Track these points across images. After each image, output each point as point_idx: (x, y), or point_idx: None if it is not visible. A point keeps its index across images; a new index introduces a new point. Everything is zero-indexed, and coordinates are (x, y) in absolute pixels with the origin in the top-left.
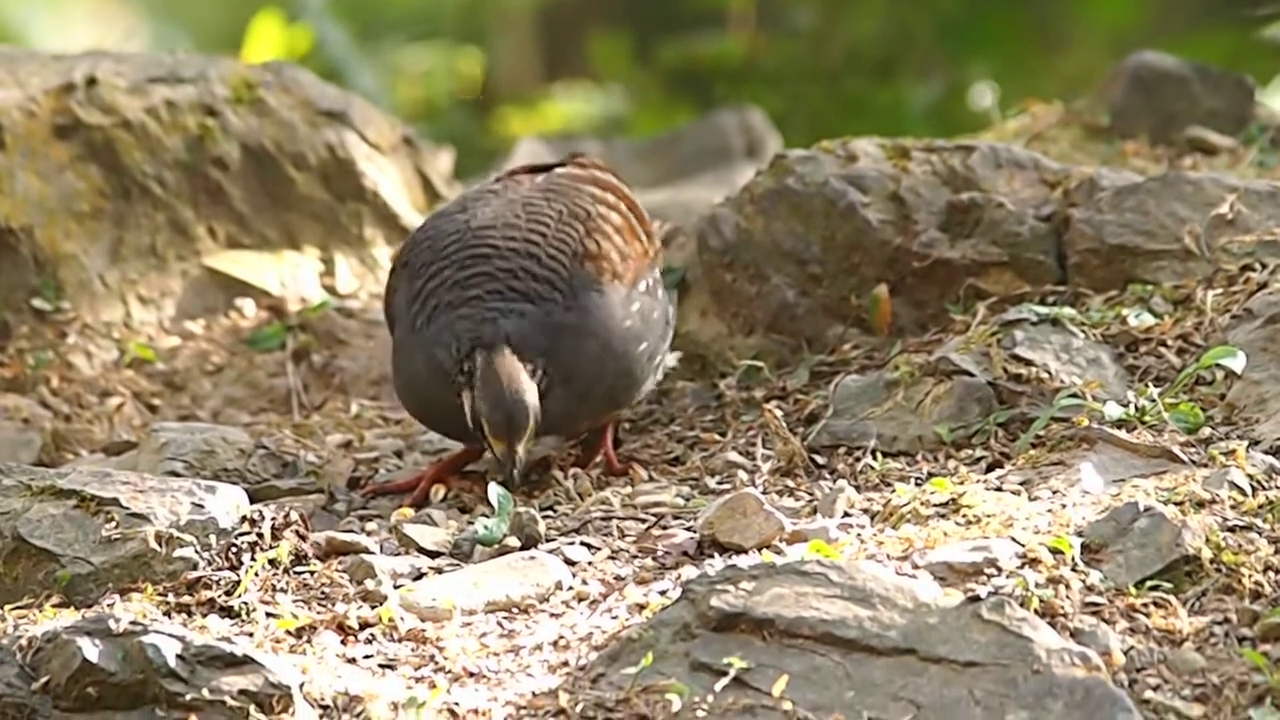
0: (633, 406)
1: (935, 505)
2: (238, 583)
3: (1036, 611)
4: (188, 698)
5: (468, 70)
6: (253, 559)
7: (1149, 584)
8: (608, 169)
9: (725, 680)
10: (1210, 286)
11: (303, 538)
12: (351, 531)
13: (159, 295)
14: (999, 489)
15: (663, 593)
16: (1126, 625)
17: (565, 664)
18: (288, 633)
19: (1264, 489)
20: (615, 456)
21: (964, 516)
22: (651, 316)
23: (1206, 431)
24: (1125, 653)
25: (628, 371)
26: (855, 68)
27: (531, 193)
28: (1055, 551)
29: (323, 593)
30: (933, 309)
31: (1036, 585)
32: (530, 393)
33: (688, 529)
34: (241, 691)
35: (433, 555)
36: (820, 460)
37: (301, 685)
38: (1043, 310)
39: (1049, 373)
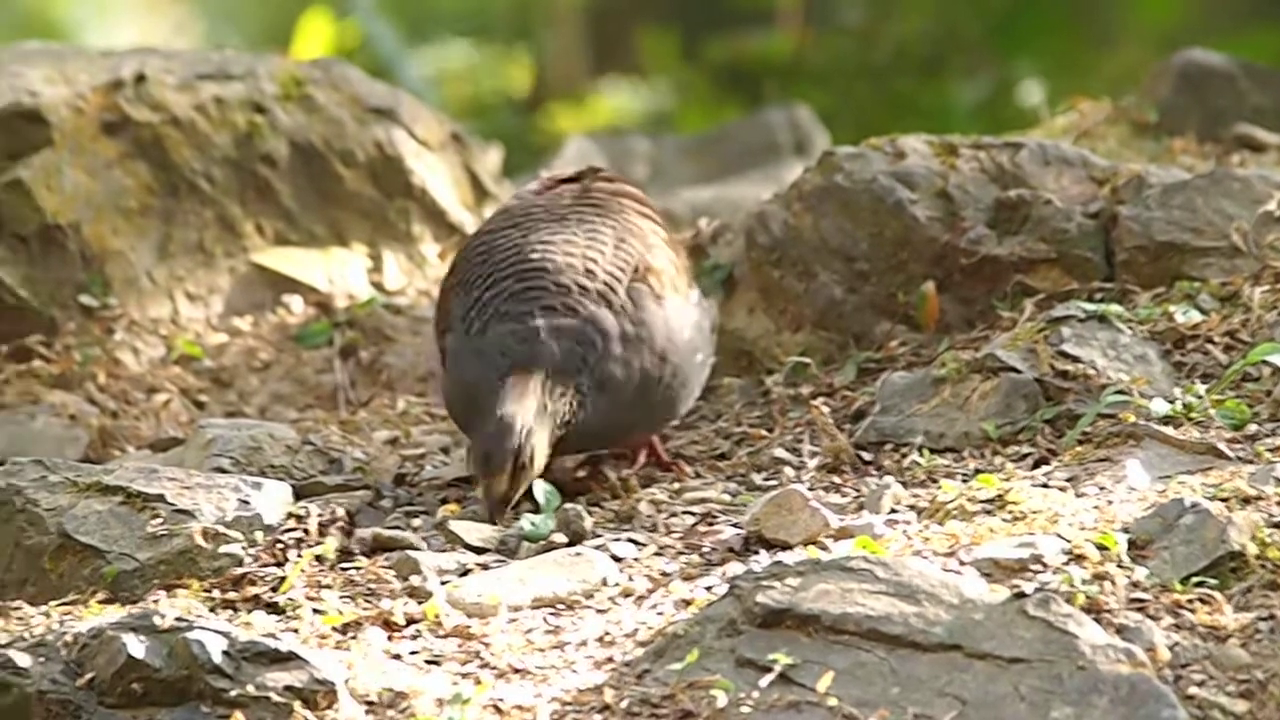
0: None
1: (981, 501)
2: (283, 579)
3: (1082, 607)
4: (233, 694)
5: (516, 68)
6: (299, 555)
7: (1194, 580)
8: (629, 182)
9: (770, 676)
10: (1257, 283)
11: (349, 534)
12: (397, 528)
13: (207, 292)
14: (1045, 485)
15: (709, 589)
16: (1172, 621)
17: (610, 660)
18: (333, 629)
19: None
20: (664, 453)
21: (1010, 513)
22: (704, 326)
23: (1253, 428)
24: (1170, 649)
25: (685, 382)
26: (903, 65)
27: (581, 209)
28: (1101, 548)
29: (368, 589)
30: (980, 306)
31: (1082, 581)
32: (518, 435)
33: (734, 525)
34: (286, 688)
35: (479, 551)
36: (867, 456)
37: (346, 681)
38: (1090, 307)
39: (1096, 369)
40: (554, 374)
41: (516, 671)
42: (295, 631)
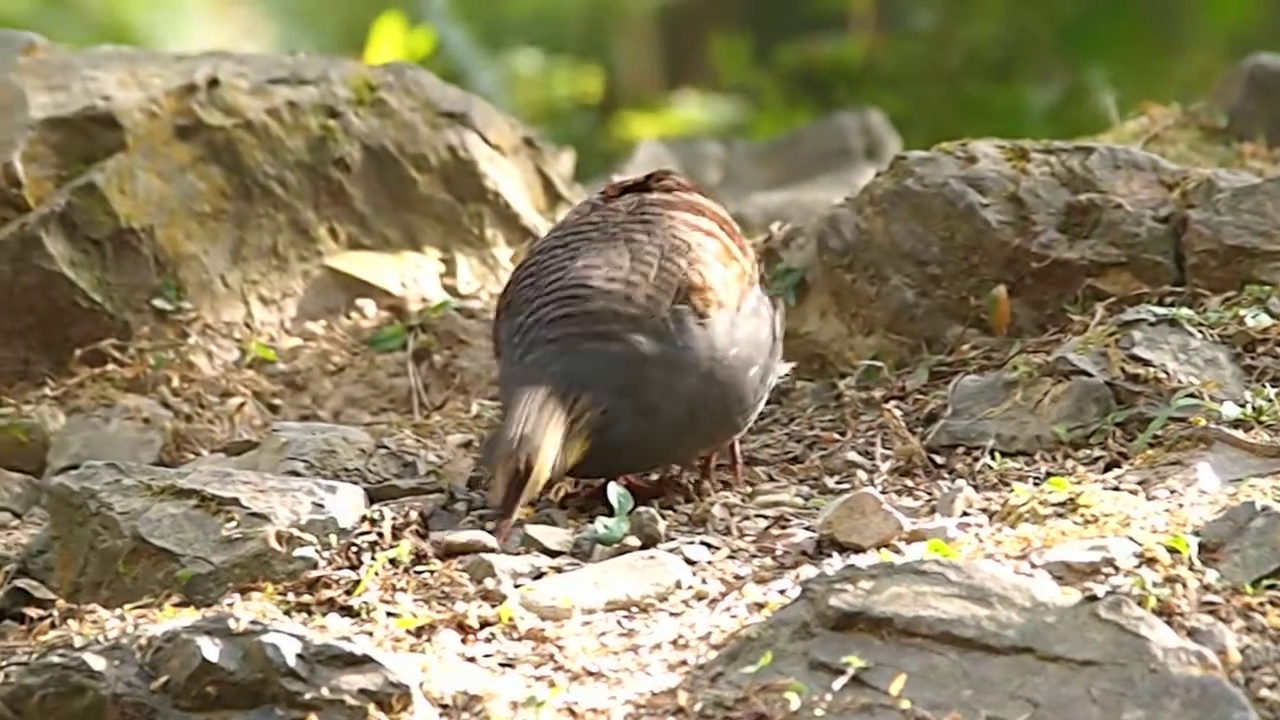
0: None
1: (1053, 505)
2: (358, 582)
3: (1153, 610)
4: (307, 697)
5: (589, 74)
6: (373, 558)
7: (1265, 583)
8: (696, 187)
9: (843, 679)
10: None
11: (423, 537)
12: (471, 531)
13: (280, 295)
14: (1116, 488)
15: (782, 592)
16: (1243, 624)
17: (684, 663)
18: (407, 632)
19: None
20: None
21: (1082, 516)
22: (759, 337)
23: None
24: (1241, 651)
25: (740, 399)
26: (975, 69)
27: (631, 226)
28: (1172, 550)
29: (442, 592)
30: (1051, 309)
31: (1154, 584)
32: (511, 444)
33: (807, 528)
34: (361, 690)
35: (553, 554)
36: (939, 460)
37: (421, 684)
38: (1160, 311)
39: (1166, 373)
40: (570, 391)
41: (590, 674)
42: (370, 634)
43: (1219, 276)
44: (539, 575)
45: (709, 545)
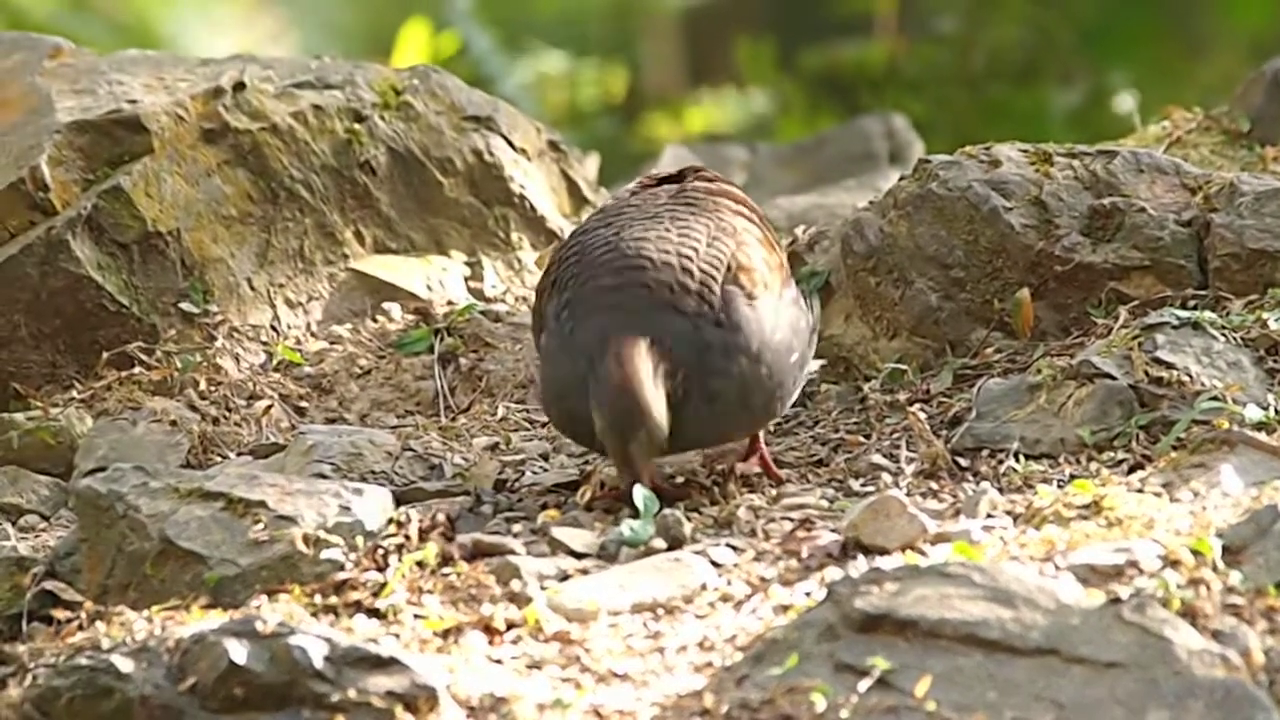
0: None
1: (1077, 507)
2: (384, 584)
3: (1177, 612)
4: (334, 699)
5: (614, 77)
6: (399, 560)
7: None
8: (729, 182)
9: (869, 681)
10: None
11: (449, 539)
12: (498, 533)
13: (306, 299)
14: (1140, 491)
15: (807, 594)
16: (1266, 626)
17: (710, 665)
18: (434, 634)
19: None
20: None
21: (1106, 518)
22: (800, 324)
23: None
24: (1265, 653)
25: (781, 384)
26: (998, 73)
27: (675, 207)
28: (1196, 553)
29: (469, 594)
30: (1075, 313)
31: (1177, 586)
32: (647, 393)
33: (832, 531)
34: (388, 692)
35: (579, 557)
36: (963, 462)
37: (448, 686)
38: (1184, 314)
39: (1190, 376)
40: (661, 349)
41: (616, 676)
42: (396, 636)
43: (1242, 280)
44: (565, 577)
45: (734, 547)
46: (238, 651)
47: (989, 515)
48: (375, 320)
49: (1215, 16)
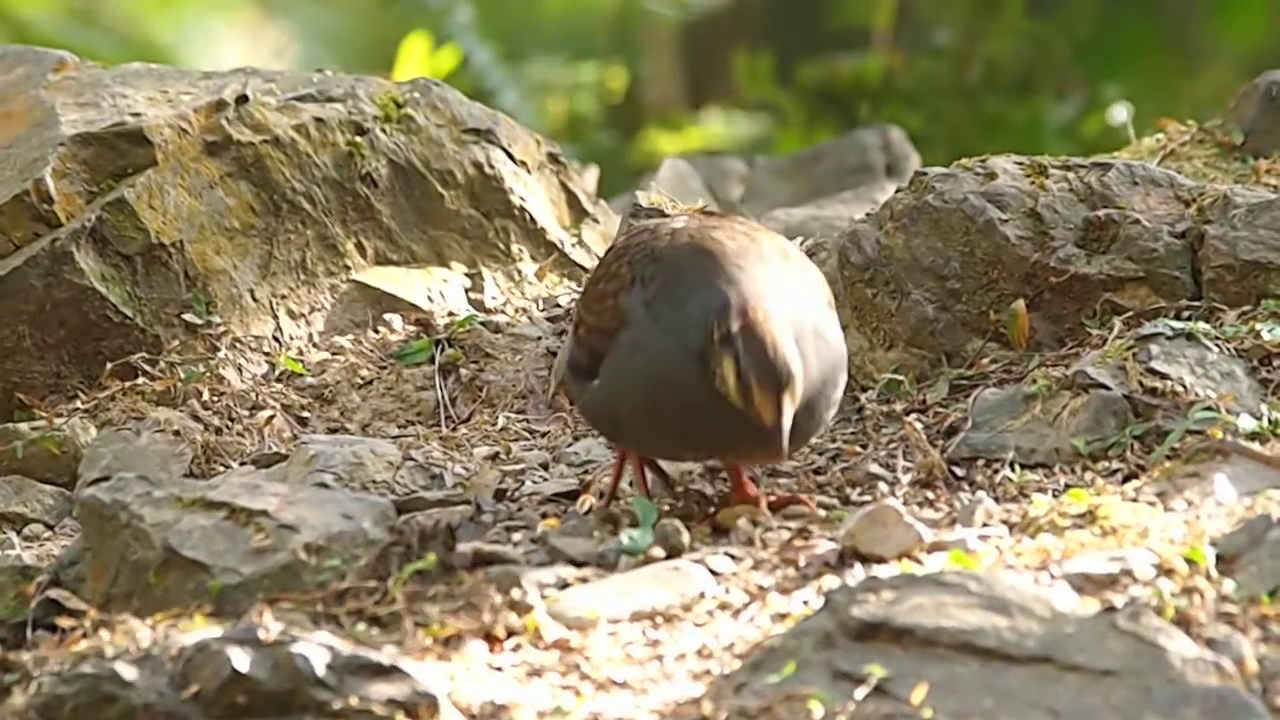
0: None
1: (1072, 516)
2: (385, 593)
3: (1171, 621)
4: (336, 706)
5: (613, 90)
6: (400, 569)
7: None
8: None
9: (866, 688)
10: None
11: (450, 548)
12: (498, 542)
13: (308, 310)
14: (1135, 500)
15: (805, 602)
16: (1260, 634)
17: (708, 672)
18: (435, 642)
19: None
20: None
21: (1100, 527)
22: (843, 348)
23: None
24: (1258, 661)
25: (838, 401)
26: (993, 86)
27: (727, 223)
28: (1190, 562)
29: (469, 602)
30: (1070, 324)
31: (1171, 595)
32: (794, 349)
33: (829, 539)
34: (389, 700)
35: (578, 565)
36: (959, 472)
37: (448, 693)
38: (1178, 325)
39: (1184, 386)
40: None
41: (616, 684)
42: (398, 644)
43: (1235, 291)
44: (565, 586)
45: (733, 556)
46: (240, 660)
47: (985, 524)
48: (377, 331)
49: (1209, 30)
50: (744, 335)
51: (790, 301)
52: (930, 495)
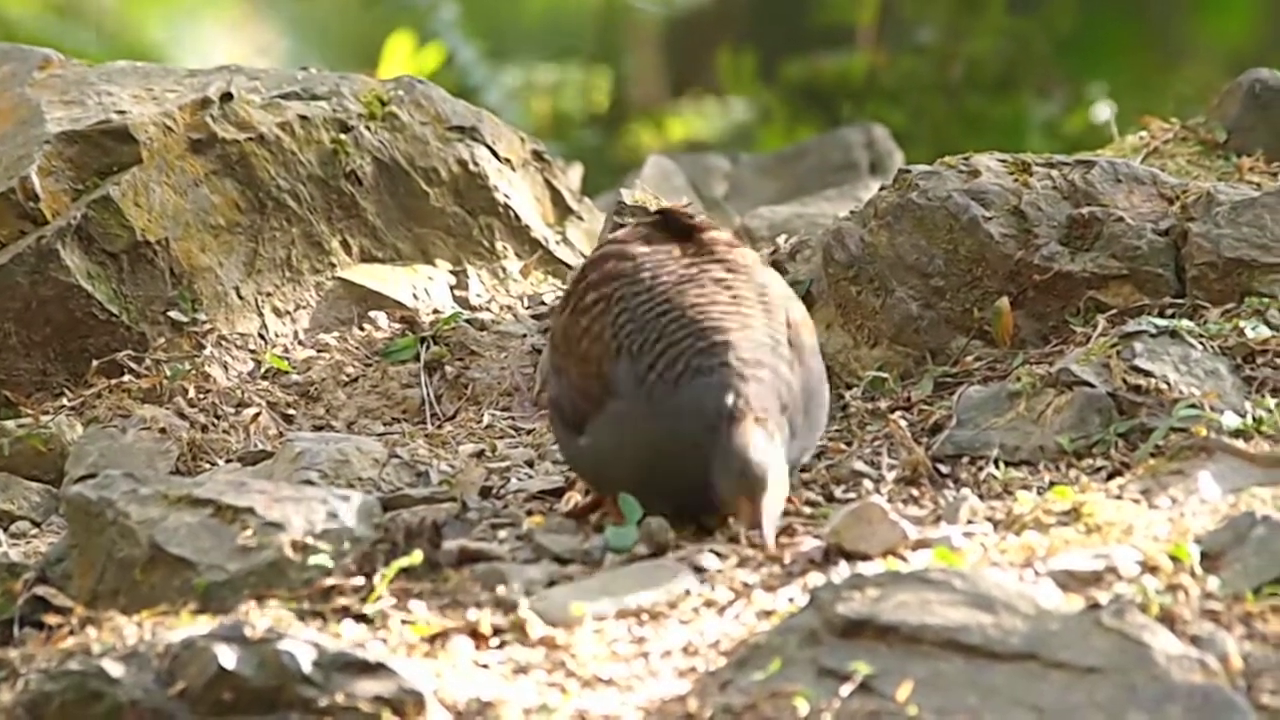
0: None
1: (1057, 513)
2: (371, 590)
3: (1156, 618)
4: (322, 703)
5: (597, 86)
6: (386, 566)
7: (1266, 591)
8: (721, 228)
9: (851, 686)
10: None
11: (436, 545)
12: (484, 540)
13: (294, 307)
14: (1119, 497)
15: (790, 600)
16: (1244, 631)
17: (694, 669)
18: (421, 639)
19: None
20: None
21: (1085, 524)
22: (823, 374)
23: None
24: (1243, 658)
25: (824, 421)
26: (977, 84)
27: (708, 265)
28: (1174, 559)
29: (455, 600)
30: (1054, 321)
31: (1156, 592)
32: (769, 454)
33: (815, 537)
34: (376, 697)
35: (564, 563)
36: (944, 469)
37: (434, 691)
38: (1161, 322)
39: (1168, 384)
40: (782, 404)
41: (601, 681)
42: (384, 642)
43: (1219, 289)
44: (550, 583)
45: (718, 554)
46: (227, 656)
47: (969, 521)
48: (362, 328)
49: (1192, 27)
50: (723, 446)
51: (778, 368)
52: (915, 492)
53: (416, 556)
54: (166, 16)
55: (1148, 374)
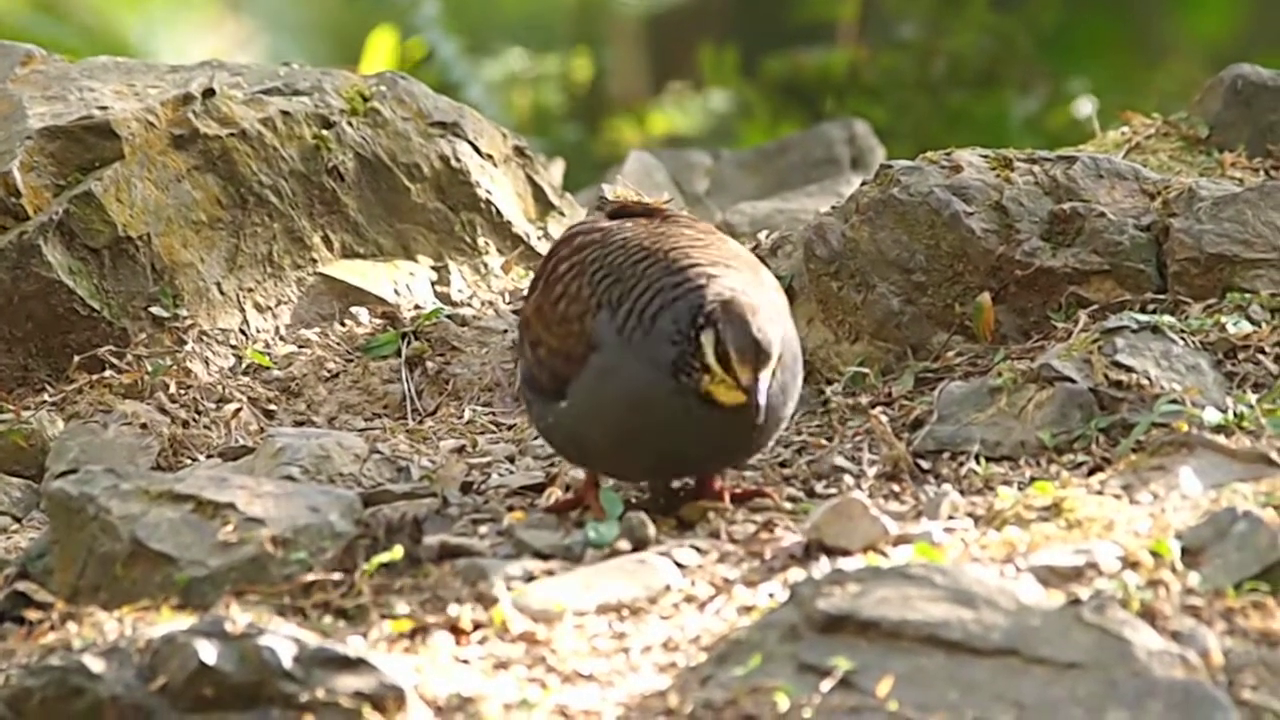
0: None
1: (1038, 509)
2: (352, 585)
3: (1137, 613)
4: (303, 699)
5: (578, 82)
6: (367, 562)
7: (1247, 586)
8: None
9: (831, 681)
10: None
11: (416, 541)
12: (464, 535)
13: (275, 303)
14: (1100, 493)
15: (770, 595)
16: (1225, 627)
17: (674, 665)
18: (401, 634)
19: None
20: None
21: (1066, 520)
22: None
23: None
24: (1224, 654)
25: (793, 403)
26: (959, 80)
27: (680, 228)
28: (1155, 554)
29: (436, 595)
30: (1035, 316)
31: (1137, 587)
32: (774, 322)
33: (795, 533)
34: (356, 692)
35: (544, 558)
36: (925, 465)
37: (415, 686)
38: (1143, 318)
39: (1149, 379)
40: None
41: (582, 676)
42: (364, 637)
43: (1200, 284)
44: (531, 578)
45: (699, 549)
46: (208, 652)
47: (950, 517)
48: (343, 324)
49: (1173, 24)
50: (723, 311)
51: (754, 289)
52: (896, 488)
53: (397, 552)
54: (147, 12)
55: (1129, 369)
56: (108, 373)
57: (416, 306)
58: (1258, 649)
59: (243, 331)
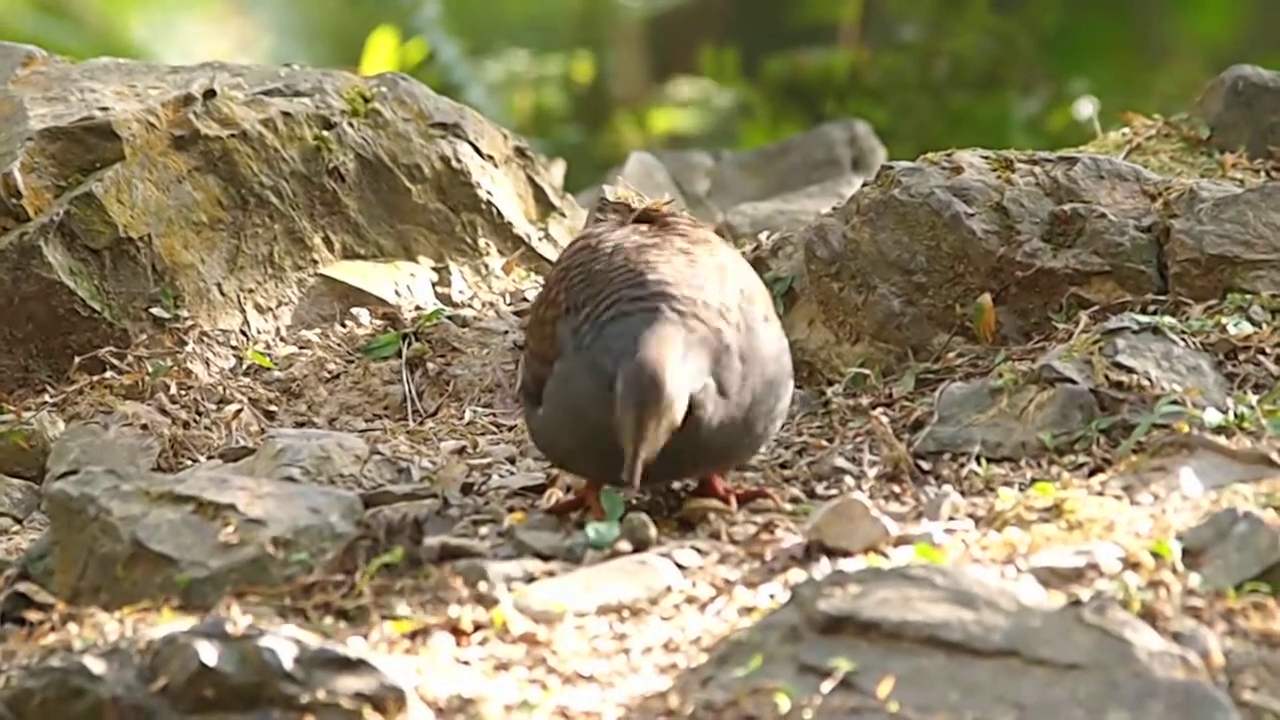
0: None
1: (1038, 510)
2: (353, 586)
3: (1137, 614)
4: (304, 700)
5: (579, 82)
6: (367, 563)
7: (1248, 587)
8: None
9: (832, 682)
10: None
11: (417, 542)
12: (465, 536)
13: (276, 304)
14: (1101, 494)
15: (771, 596)
16: (1226, 628)
17: (675, 666)
18: (402, 635)
19: None
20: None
21: (1066, 521)
22: (788, 357)
23: None
24: (1224, 655)
25: (780, 415)
26: (960, 81)
27: (672, 237)
28: (1156, 555)
29: (436, 596)
30: (1036, 318)
31: (1137, 588)
32: (673, 370)
33: (795, 533)
34: (357, 693)
35: (545, 559)
36: (925, 466)
37: (415, 687)
38: (1144, 319)
39: (1150, 380)
40: (690, 344)
41: (582, 677)
42: (365, 638)
43: (1201, 285)
44: (531, 579)
45: (699, 550)
46: (208, 653)
47: (951, 518)
48: (344, 325)
49: (1174, 25)
50: (639, 359)
51: (715, 323)
52: (896, 489)
53: (398, 553)
54: (148, 13)
55: (1130, 370)
56: (108, 374)
57: (417, 307)
58: (1258, 650)
59: (243, 332)
